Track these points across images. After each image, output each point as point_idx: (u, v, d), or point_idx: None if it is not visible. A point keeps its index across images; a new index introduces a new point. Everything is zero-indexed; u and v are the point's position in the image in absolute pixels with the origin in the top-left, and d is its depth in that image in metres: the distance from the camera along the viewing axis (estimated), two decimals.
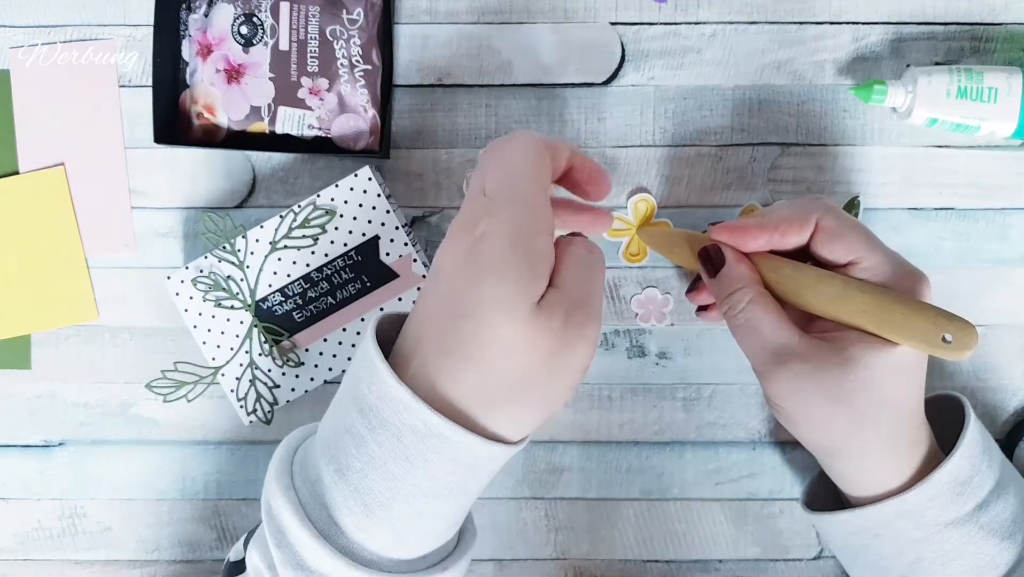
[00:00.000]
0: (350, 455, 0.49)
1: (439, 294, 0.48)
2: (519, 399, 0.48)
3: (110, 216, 0.71)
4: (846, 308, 0.56)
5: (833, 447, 0.59)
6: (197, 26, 0.69)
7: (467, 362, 0.47)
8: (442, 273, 0.49)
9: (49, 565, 0.73)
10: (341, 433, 0.50)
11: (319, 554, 0.49)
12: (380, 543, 0.50)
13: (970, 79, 0.65)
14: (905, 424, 0.58)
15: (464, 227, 0.48)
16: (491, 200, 0.49)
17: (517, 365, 0.47)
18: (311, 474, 0.51)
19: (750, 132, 0.70)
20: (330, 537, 0.49)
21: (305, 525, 0.49)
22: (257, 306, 0.68)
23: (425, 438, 0.47)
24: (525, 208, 0.49)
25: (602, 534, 0.72)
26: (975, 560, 0.57)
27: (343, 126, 0.69)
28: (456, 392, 0.48)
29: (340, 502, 0.49)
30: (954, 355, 0.54)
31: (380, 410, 0.48)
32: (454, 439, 0.47)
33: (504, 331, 0.46)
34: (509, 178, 0.50)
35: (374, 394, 0.48)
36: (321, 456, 0.51)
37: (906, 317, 0.54)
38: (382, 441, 0.48)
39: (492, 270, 0.47)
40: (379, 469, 0.48)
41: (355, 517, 0.49)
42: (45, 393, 0.72)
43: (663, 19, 0.70)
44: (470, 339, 0.47)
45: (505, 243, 0.47)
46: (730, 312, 0.59)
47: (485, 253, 0.47)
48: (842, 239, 0.58)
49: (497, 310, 0.46)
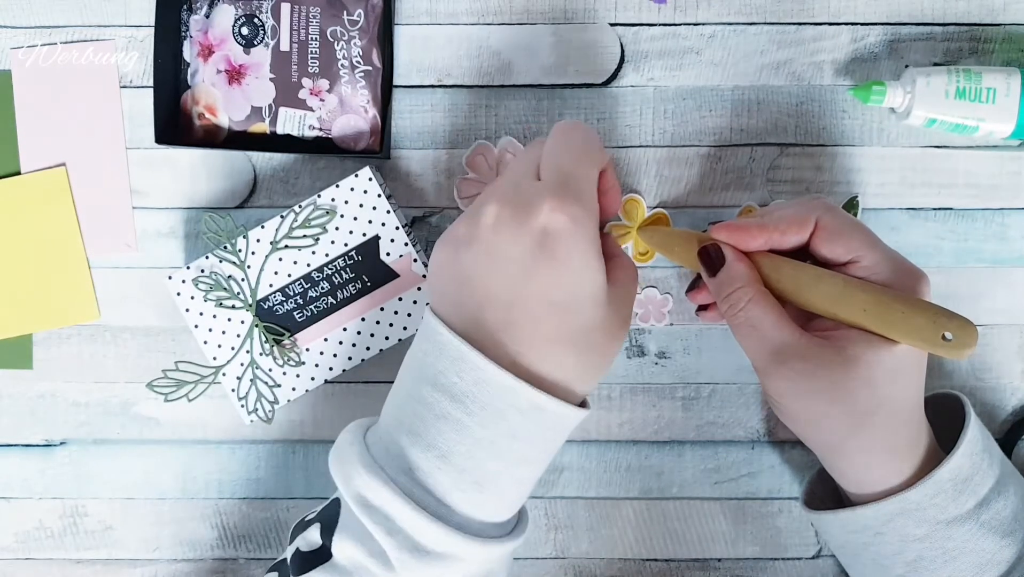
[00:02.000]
0: (451, 440, 0.53)
1: (512, 282, 0.53)
2: (598, 370, 0.56)
3: (111, 216, 0.71)
4: (846, 307, 0.56)
5: (833, 445, 0.59)
6: (198, 27, 0.69)
7: (570, 346, 0.53)
8: (510, 261, 0.53)
9: (50, 564, 0.73)
10: (432, 421, 0.53)
11: (437, 534, 0.52)
12: (488, 512, 0.55)
13: (968, 80, 0.65)
14: (905, 422, 0.58)
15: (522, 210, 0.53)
16: (556, 187, 0.53)
17: (600, 343, 0.55)
18: (401, 463, 0.54)
19: (749, 133, 0.70)
20: (444, 518, 0.53)
21: (418, 511, 0.52)
22: (258, 306, 0.68)
23: (528, 413, 0.53)
24: (586, 202, 0.54)
25: (601, 533, 0.72)
26: (976, 558, 0.58)
27: (344, 126, 0.69)
28: (556, 371, 0.53)
29: (449, 484, 0.53)
30: (954, 353, 0.54)
31: (477, 396, 0.52)
32: (556, 411, 0.53)
33: (595, 317, 0.54)
34: (575, 169, 0.55)
35: (467, 381, 0.52)
36: (411, 445, 0.54)
37: (906, 315, 0.55)
38: (486, 423, 0.53)
39: (575, 266, 0.53)
40: (486, 449, 0.53)
41: (466, 494, 0.54)
42: (46, 392, 0.72)
43: (662, 20, 0.70)
44: (569, 326, 0.53)
45: (580, 241, 0.52)
46: (730, 311, 0.59)
47: (563, 249, 0.52)
48: (842, 238, 0.58)
49: (588, 304, 0.53)
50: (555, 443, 0.56)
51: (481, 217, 0.53)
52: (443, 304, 0.56)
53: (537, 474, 0.57)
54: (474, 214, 0.54)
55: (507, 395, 0.52)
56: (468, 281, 0.54)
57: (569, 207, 0.52)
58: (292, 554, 0.57)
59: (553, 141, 0.56)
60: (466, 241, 0.54)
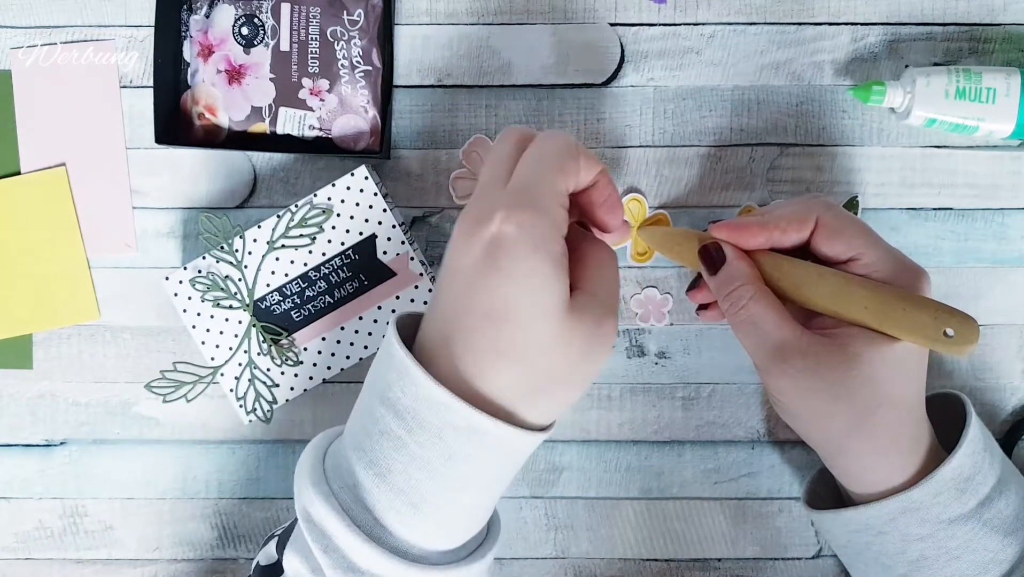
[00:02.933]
0: (390, 458, 0.51)
1: (461, 293, 0.50)
2: (552, 392, 0.52)
3: (111, 216, 0.71)
4: (847, 304, 0.56)
5: (835, 443, 0.59)
6: (198, 27, 0.69)
7: (504, 361, 0.49)
8: (460, 272, 0.50)
9: (50, 564, 0.73)
10: (376, 437, 0.51)
11: (371, 556, 0.50)
12: (427, 538, 0.52)
13: (968, 80, 0.65)
14: (907, 420, 0.58)
15: (479, 220, 0.50)
16: (512, 195, 0.50)
17: (552, 363, 0.50)
18: (347, 479, 0.52)
19: (749, 132, 0.70)
20: (378, 539, 0.51)
21: (353, 530, 0.50)
22: (255, 306, 0.68)
23: (468, 435, 0.50)
24: (544, 212, 0.50)
25: (601, 533, 0.72)
26: (979, 557, 0.57)
27: (344, 126, 0.69)
28: (494, 389, 0.50)
29: (385, 504, 0.51)
30: (956, 350, 0.54)
31: (417, 412, 0.50)
32: (496, 433, 0.50)
33: (540, 334, 0.49)
34: (537, 177, 0.51)
35: (409, 396, 0.50)
36: (356, 461, 0.52)
37: (907, 312, 0.55)
38: (423, 441, 0.50)
39: (517, 274, 0.49)
40: (423, 469, 0.50)
41: (402, 516, 0.51)
42: (46, 393, 0.72)
43: (662, 20, 0.70)
44: (506, 340, 0.49)
45: (527, 249, 0.49)
46: (731, 309, 0.59)
47: (508, 256, 0.49)
48: (842, 235, 0.58)
49: (533, 315, 0.49)
50: (504, 469, 0.53)
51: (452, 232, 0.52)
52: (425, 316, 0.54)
53: (487, 502, 0.54)
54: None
55: (444, 412, 0.49)
56: (436, 292, 0.53)
57: (519, 214, 0.49)
58: (253, 568, 0.58)
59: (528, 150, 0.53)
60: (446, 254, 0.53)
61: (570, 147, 0.53)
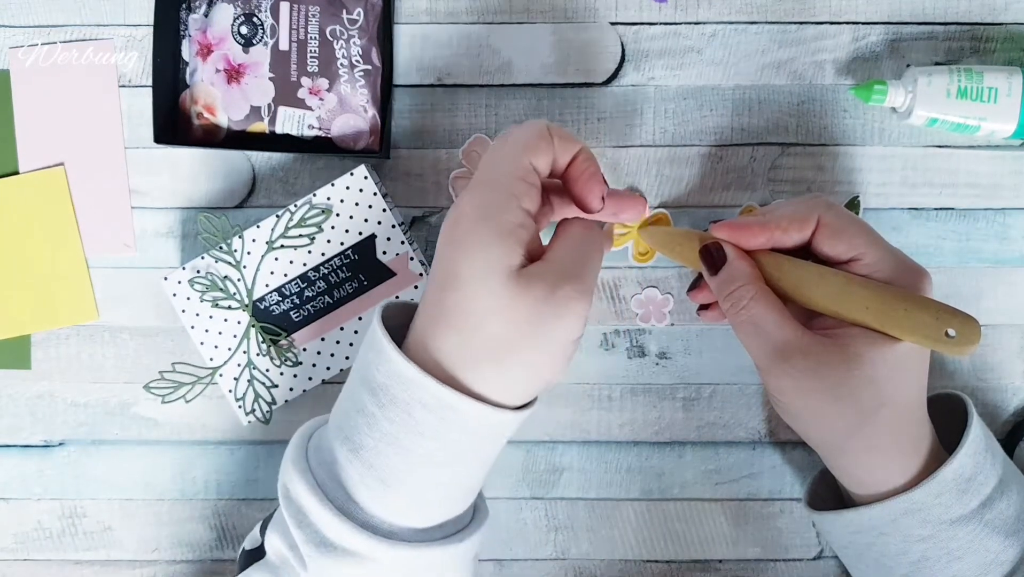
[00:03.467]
0: (362, 433, 0.52)
1: (432, 272, 0.53)
2: (501, 362, 0.51)
3: (110, 216, 0.71)
4: (848, 304, 0.56)
5: (836, 444, 0.59)
6: (197, 26, 0.69)
7: (448, 328, 0.51)
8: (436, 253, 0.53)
9: (49, 565, 0.73)
10: (352, 414, 0.53)
11: (340, 530, 0.51)
12: (398, 514, 0.53)
13: (970, 79, 0.65)
14: (908, 421, 0.58)
15: (452, 208, 0.53)
16: (475, 177, 0.54)
17: (496, 329, 0.50)
18: (326, 456, 0.54)
19: (750, 132, 0.70)
20: (349, 513, 0.52)
21: (324, 504, 0.52)
22: (254, 306, 0.68)
23: (435, 410, 0.51)
24: (497, 186, 0.52)
25: (602, 534, 0.72)
26: (981, 557, 0.57)
27: (343, 126, 0.69)
28: (439, 355, 0.51)
29: (356, 479, 0.52)
30: (957, 350, 0.54)
31: (389, 388, 0.51)
32: (462, 408, 0.51)
33: (480, 299, 0.50)
34: (492, 160, 0.54)
35: (382, 373, 0.52)
36: (335, 438, 0.54)
37: (909, 313, 0.54)
38: (393, 417, 0.51)
39: (463, 243, 0.51)
40: (392, 444, 0.52)
41: (372, 492, 0.52)
42: (45, 393, 0.72)
43: (663, 19, 0.70)
44: (451, 307, 0.51)
45: (474, 218, 0.51)
46: (732, 309, 0.59)
47: (459, 229, 0.51)
48: (843, 235, 0.58)
49: (472, 280, 0.50)
50: (472, 448, 0.53)
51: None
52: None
53: (459, 480, 0.55)
54: None
55: (412, 388, 0.51)
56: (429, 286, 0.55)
57: (475, 192, 0.52)
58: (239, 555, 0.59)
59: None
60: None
61: (538, 128, 0.54)
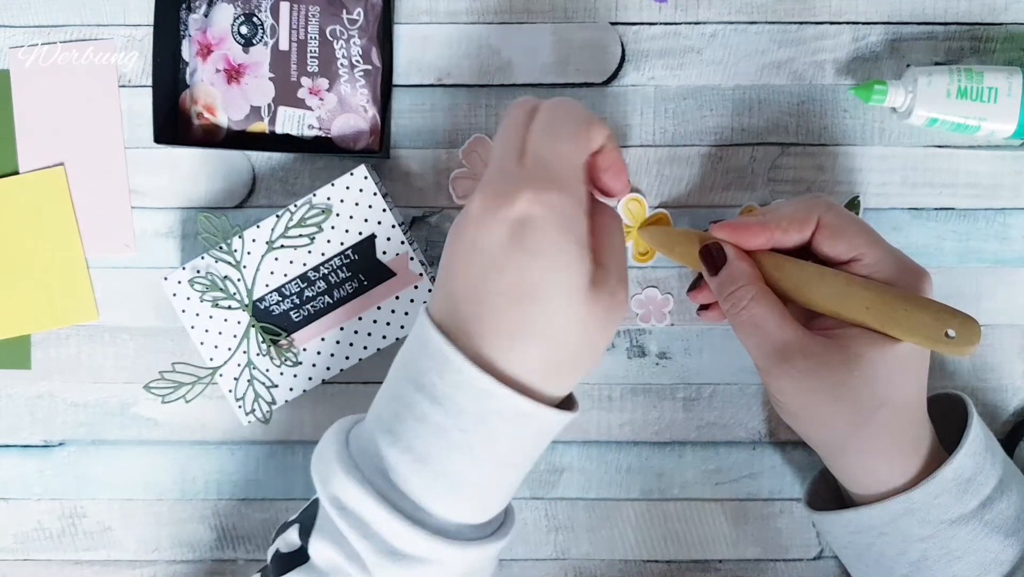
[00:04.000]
0: (428, 443, 0.51)
1: (484, 273, 0.50)
2: (574, 368, 0.52)
3: (110, 216, 0.71)
4: (849, 305, 0.56)
5: (836, 444, 0.59)
6: (197, 26, 0.69)
7: (532, 341, 0.50)
8: (482, 251, 0.50)
9: (49, 565, 0.73)
10: (411, 423, 0.51)
11: (414, 539, 0.51)
12: (466, 515, 0.53)
13: (970, 79, 0.65)
14: (908, 421, 0.58)
15: (502, 198, 0.49)
16: (535, 173, 0.50)
17: (576, 339, 0.51)
18: (377, 464, 0.52)
19: (750, 132, 0.70)
20: (420, 521, 0.51)
21: (395, 515, 0.50)
22: (254, 306, 0.68)
23: (511, 418, 0.50)
24: (571, 190, 0.50)
25: (602, 534, 0.72)
26: (980, 557, 0.57)
27: (343, 126, 0.69)
28: (519, 369, 0.50)
29: (425, 487, 0.51)
30: (957, 351, 0.54)
31: (456, 398, 0.50)
32: (538, 415, 0.51)
33: (567, 313, 0.50)
34: (556, 152, 0.51)
35: (447, 383, 0.50)
36: (389, 446, 0.52)
37: (909, 313, 0.55)
38: (466, 427, 0.50)
39: (542, 254, 0.49)
40: (464, 453, 0.51)
41: (442, 499, 0.52)
42: (45, 393, 0.72)
43: (663, 19, 0.70)
44: (533, 320, 0.49)
45: (555, 230, 0.49)
46: (732, 309, 0.59)
47: (535, 239, 0.49)
48: (844, 235, 0.58)
49: (556, 296, 0.49)
50: (537, 446, 0.54)
51: (469, 207, 0.51)
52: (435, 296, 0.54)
53: (519, 478, 0.55)
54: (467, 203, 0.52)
55: (486, 399, 0.50)
56: (451, 272, 0.52)
57: (546, 195, 0.49)
58: (272, 555, 0.57)
59: (537, 121, 0.52)
60: (456, 231, 0.52)
61: (581, 115, 0.53)
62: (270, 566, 0.57)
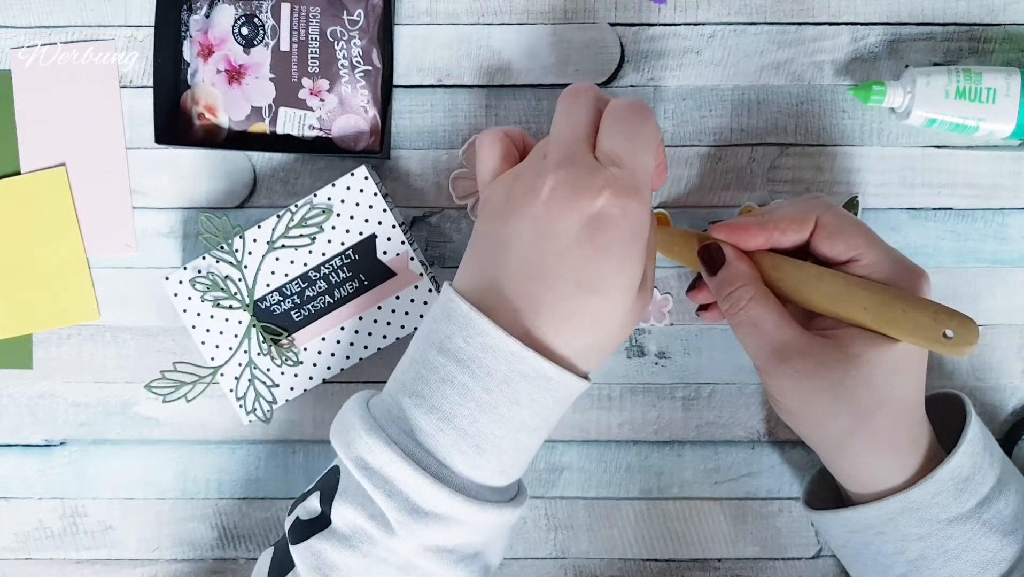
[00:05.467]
0: (454, 403, 0.53)
1: (550, 256, 0.53)
2: (606, 350, 0.56)
3: (111, 216, 0.71)
4: (847, 305, 0.56)
5: (835, 443, 0.60)
6: (198, 27, 0.69)
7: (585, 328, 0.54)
8: (554, 236, 0.53)
9: (50, 564, 0.73)
10: (435, 384, 0.54)
11: (437, 496, 0.52)
12: (487, 476, 0.55)
13: (968, 80, 0.65)
14: (906, 421, 0.58)
15: (580, 189, 0.52)
16: (613, 174, 0.53)
17: (617, 330, 0.55)
18: (402, 425, 0.54)
19: (749, 132, 0.70)
20: (443, 478, 0.53)
21: (420, 472, 0.52)
22: (255, 306, 0.68)
23: (535, 381, 0.53)
24: (647, 199, 0.54)
25: (601, 533, 0.72)
26: (978, 556, 0.58)
27: (344, 126, 0.69)
28: (567, 348, 0.54)
29: (449, 446, 0.53)
30: (955, 351, 0.54)
31: (483, 361, 0.53)
32: (559, 379, 0.54)
33: (620, 309, 0.54)
34: (637, 159, 0.54)
35: (473, 346, 0.53)
36: (414, 407, 0.54)
37: (907, 313, 0.55)
38: (491, 388, 0.53)
39: (615, 258, 0.53)
40: (488, 413, 0.53)
41: (466, 457, 0.54)
42: (46, 393, 0.72)
43: (662, 20, 0.70)
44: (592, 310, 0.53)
45: (629, 235, 0.53)
46: (731, 309, 0.59)
47: (609, 238, 0.52)
48: (842, 236, 0.58)
49: (619, 294, 0.54)
50: (556, 412, 0.56)
51: (540, 187, 0.53)
52: (468, 266, 0.57)
53: (536, 443, 0.57)
54: (532, 181, 0.54)
55: (513, 361, 0.52)
56: (506, 245, 0.54)
57: (625, 199, 0.52)
58: (292, 523, 0.58)
59: (615, 120, 0.55)
60: (518, 207, 0.54)
61: (654, 125, 0.56)
62: (288, 535, 0.57)
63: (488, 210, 0.57)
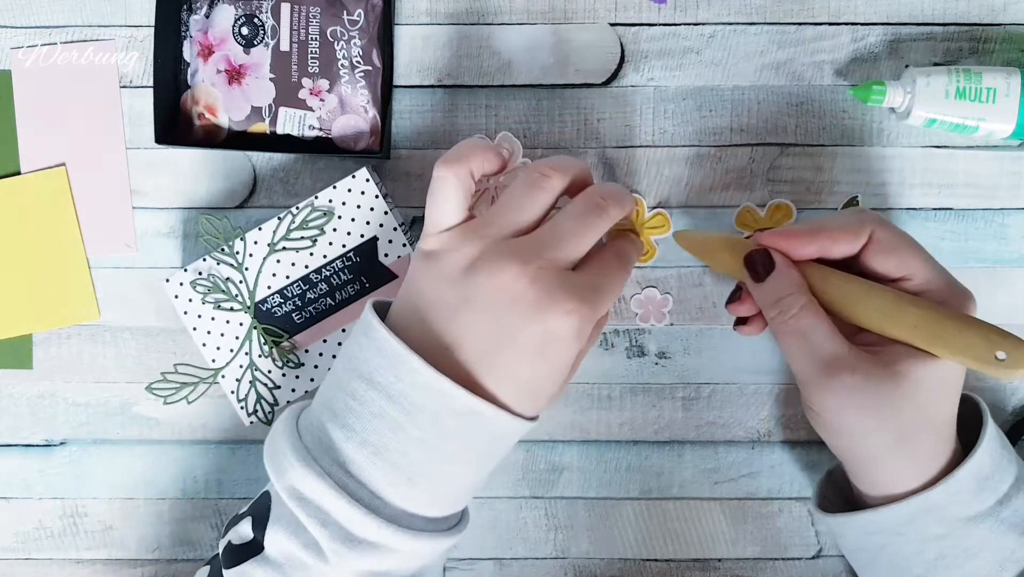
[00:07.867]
0: (386, 437, 0.54)
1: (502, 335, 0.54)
2: (552, 394, 0.57)
3: (111, 216, 0.71)
4: (897, 322, 0.56)
5: (870, 458, 0.59)
6: (198, 27, 0.69)
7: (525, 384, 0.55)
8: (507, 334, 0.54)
9: (50, 564, 0.73)
10: (367, 418, 0.54)
11: (370, 526, 0.53)
12: (420, 507, 0.56)
13: (968, 80, 0.65)
14: (945, 437, 0.58)
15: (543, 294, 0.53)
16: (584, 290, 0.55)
17: (553, 393, 0.57)
18: (335, 456, 0.55)
19: (749, 133, 0.70)
20: (376, 509, 0.54)
21: (353, 504, 0.53)
22: (256, 308, 0.68)
23: (465, 417, 0.53)
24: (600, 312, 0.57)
25: (601, 533, 0.72)
26: (996, 555, 0.58)
27: (344, 127, 0.69)
28: (506, 396, 0.54)
29: (382, 478, 0.54)
30: (1006, 373, 0.53)
31: (413, 397, 0.53)
32: (491, 417, 0.54)
33: (565, 368, 0.56)
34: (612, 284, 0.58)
35: (405, 383, 0.53)
36: (345, 439, 0.54)
37: (959, 333, 0.54)
38: (422, 424, 0.53)
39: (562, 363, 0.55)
40: (420, 448, 0.54)
41: (398, 489, 0.54)
42: (46, 393, 0.72)
43: (662, 20, 0.70)
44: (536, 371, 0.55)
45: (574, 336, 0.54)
46: (779, 318, 0.58)
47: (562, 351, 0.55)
48: (896, 254, 0.58)
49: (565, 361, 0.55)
50: (493, 449, 0.57)
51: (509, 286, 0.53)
52: (402, 304, 0.57)
53: (474, 476, 0.57)
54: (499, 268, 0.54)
55: (444, 399, 0.53)
56: (453, 314, 0.54)
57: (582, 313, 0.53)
58: (224, 547, 0.58)
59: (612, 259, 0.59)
60: (479, 295, 0.54)
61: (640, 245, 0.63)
62: (221, 558, 0.58)
63: (443, 270, 0.56)
